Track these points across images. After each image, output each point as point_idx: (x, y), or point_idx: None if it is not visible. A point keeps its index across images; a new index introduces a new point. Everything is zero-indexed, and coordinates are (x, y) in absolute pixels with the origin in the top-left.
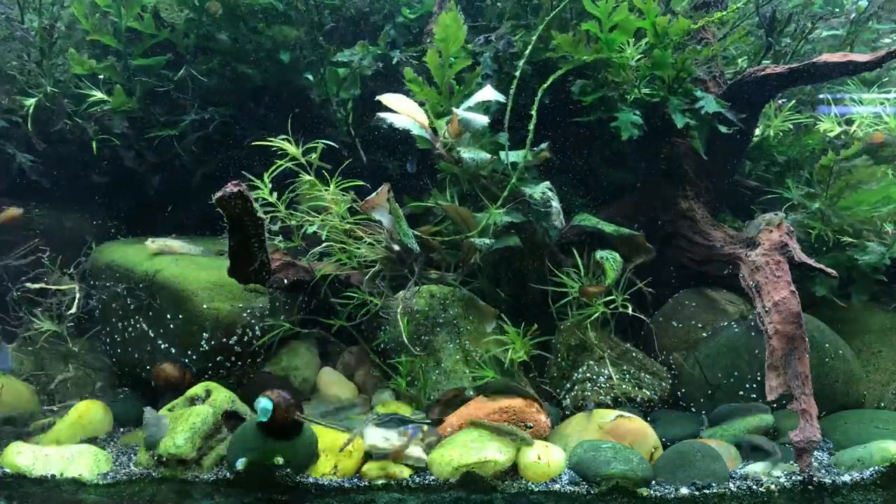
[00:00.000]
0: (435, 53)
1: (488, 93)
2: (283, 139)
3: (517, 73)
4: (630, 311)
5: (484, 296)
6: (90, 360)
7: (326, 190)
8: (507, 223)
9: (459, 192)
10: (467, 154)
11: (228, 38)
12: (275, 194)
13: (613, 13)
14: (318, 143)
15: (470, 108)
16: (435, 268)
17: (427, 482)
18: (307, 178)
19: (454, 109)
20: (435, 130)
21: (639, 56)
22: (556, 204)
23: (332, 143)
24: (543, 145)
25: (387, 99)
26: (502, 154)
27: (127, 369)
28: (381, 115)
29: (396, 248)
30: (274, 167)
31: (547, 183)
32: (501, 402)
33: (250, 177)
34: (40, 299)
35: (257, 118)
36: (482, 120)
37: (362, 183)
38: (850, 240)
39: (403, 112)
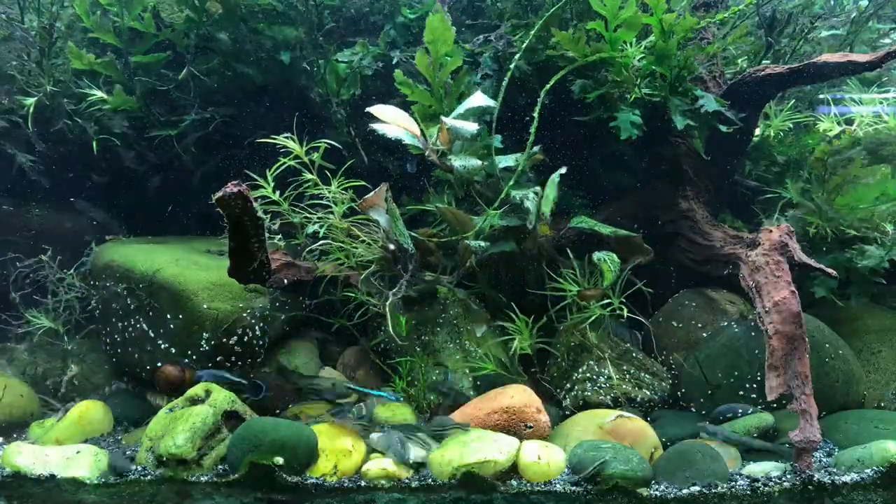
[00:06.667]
0: (424, 55)
1: (479, 99)
2: (286, 137)
3: (510, 70)
4: (627, 313)
5: (485, 299)
6: (93, 359)
7: (328, 189)
8: (504, 226)
9: (455, 196)
10: (458, 162)
11: (228, 38)
12: (277, 192)
13: (621, 11)
14: (321, 142)
15: (461, 115)
16: (432, 271)
17: (427, 482)
18: (310, 176)
19: (443, 119)
20: (427, 137)
21: (641, 55)
22: (530, 205)
23: (334, 143)
24: (535, 148)
25: (377, 110)
26: (496, 158)
27: (127, 369)
28: (373, 125)
29: (392, 247)
30: (277, 164)
31: (537, 188)
32: (501, 402)
33: (254, 176)
34: (44, 300)
35: (257, 118)
36: (471, 128)
37: (363, 183)
38: (852, 232)
39: (394, 122)
